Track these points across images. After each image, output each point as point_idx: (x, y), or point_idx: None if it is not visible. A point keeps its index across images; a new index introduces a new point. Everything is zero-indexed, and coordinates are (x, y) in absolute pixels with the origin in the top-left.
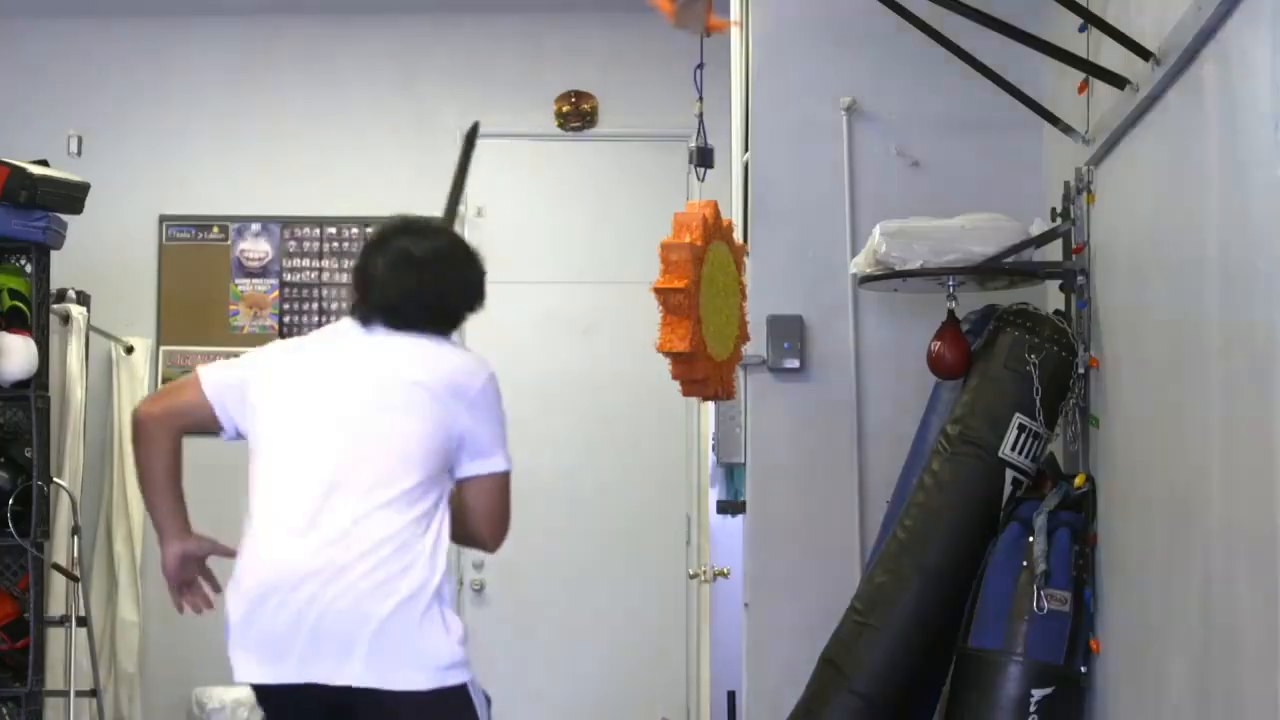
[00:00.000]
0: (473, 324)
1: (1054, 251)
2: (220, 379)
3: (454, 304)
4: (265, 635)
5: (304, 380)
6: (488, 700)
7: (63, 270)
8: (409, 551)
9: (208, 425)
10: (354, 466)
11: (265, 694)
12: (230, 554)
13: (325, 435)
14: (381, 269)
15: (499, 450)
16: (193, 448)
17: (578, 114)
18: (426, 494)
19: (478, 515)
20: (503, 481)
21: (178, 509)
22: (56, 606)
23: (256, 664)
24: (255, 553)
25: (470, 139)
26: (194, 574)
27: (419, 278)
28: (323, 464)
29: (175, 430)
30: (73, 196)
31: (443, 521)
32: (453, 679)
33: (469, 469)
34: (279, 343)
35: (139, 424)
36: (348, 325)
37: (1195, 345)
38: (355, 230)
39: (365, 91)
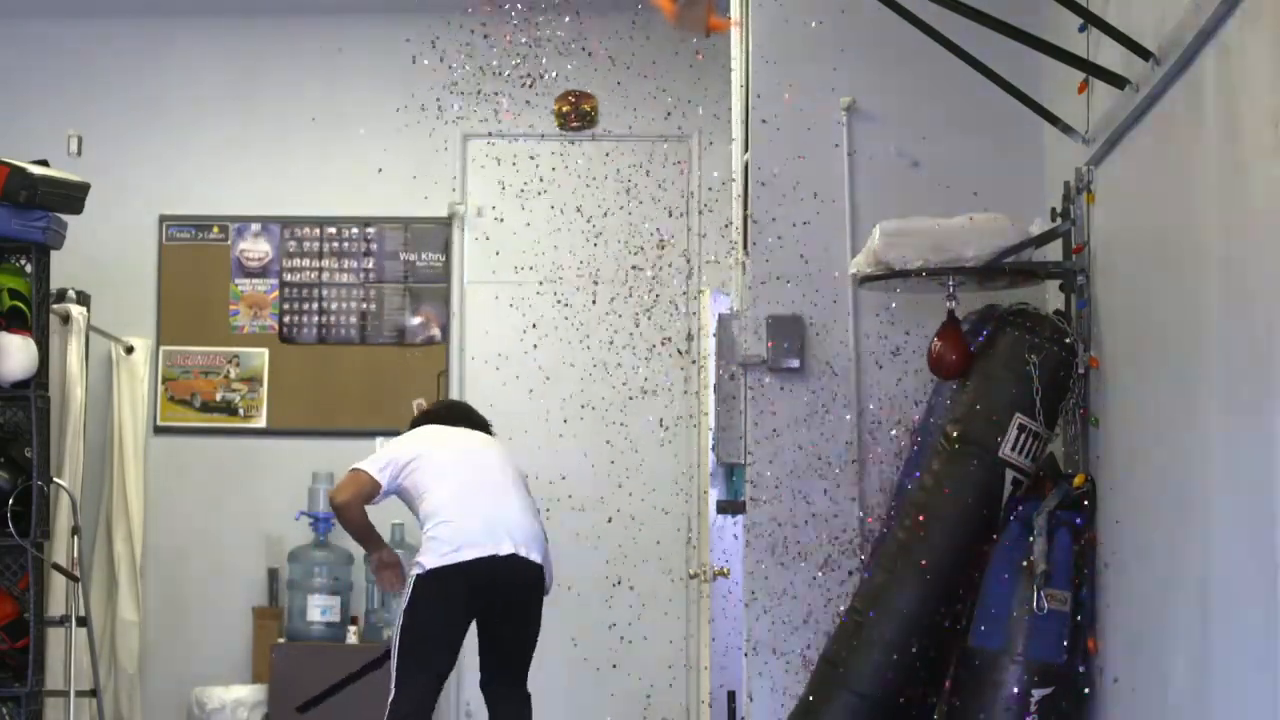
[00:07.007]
0: (472, 325)
1: (1054, 251)
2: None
3: None
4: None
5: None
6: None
7: (63, 270)
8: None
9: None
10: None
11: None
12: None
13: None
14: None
15: None
16: (193, 449)
17: (578, 114)
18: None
19: None
20: None
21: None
22: (56, 606)
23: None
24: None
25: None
26: (390, 565)
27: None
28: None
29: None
30: (73, 196)
31: None
32: None
33: None
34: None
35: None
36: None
37: (1195, 345)
38: (355, 230)
39: (365, 91)
